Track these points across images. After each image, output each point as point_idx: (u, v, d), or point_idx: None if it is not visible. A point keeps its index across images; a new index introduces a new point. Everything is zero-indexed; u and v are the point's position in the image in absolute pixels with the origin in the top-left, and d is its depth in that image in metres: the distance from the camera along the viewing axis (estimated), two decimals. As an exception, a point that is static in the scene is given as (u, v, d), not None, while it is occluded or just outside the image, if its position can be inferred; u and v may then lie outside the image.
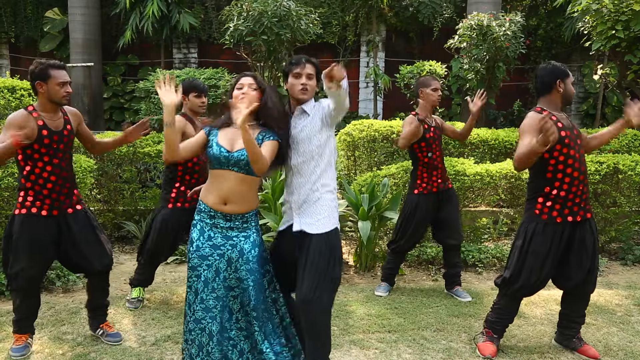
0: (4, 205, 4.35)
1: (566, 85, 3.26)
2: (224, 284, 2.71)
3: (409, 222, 4.35)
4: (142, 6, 9.80)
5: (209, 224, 2.73)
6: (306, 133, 2.79)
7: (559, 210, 3.23)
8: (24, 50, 11.19)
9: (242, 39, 7.04)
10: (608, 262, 5.41)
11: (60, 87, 3.14)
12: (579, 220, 3.26)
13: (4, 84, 4.62)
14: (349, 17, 10.27)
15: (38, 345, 3.42)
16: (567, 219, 3.23)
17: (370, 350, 3.43)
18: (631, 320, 4.02)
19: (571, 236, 3.27)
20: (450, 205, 4.39)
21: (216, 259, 2.71)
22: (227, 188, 2.69)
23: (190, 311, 2.75)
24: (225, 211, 2.71)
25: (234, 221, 2.72)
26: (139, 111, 8.71)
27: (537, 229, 3.25)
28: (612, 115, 10.04)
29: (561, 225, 3.23)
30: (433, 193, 4.32)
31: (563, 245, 3.26)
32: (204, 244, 2.73)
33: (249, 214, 2.76)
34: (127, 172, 5.62)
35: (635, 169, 5.24)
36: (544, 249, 3.22)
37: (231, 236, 2.72)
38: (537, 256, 3.24)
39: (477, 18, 7.48)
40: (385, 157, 6.29)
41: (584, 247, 3.27)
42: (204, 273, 2.71)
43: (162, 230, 3.93)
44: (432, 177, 4.31)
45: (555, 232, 3.23)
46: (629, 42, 6.12)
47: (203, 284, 2.71)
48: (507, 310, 3.43)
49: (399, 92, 8.05)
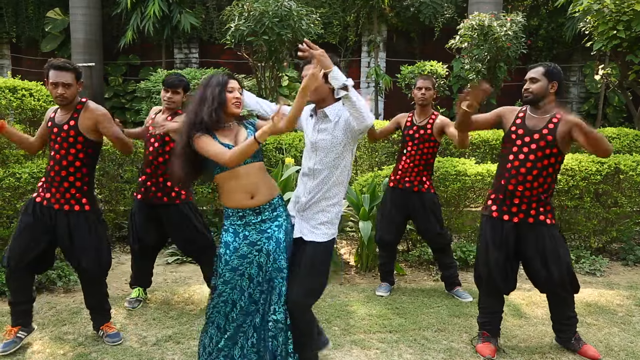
0: (4, 205, 4.36)
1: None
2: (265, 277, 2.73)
3: (382, 213, 4.50)
4: (143, 6, 9.80)
5: (241, 225, 2.73)
6: (327, 143, 2.73)
7: (498, 206, 3.32)
8: (25, 50, 11.20)
9: (243, 39, 7.04)
10: (609, 263, 5.41)
11: (53, 87, 3.21)
12: (517, 222, 3.26)
13: (6, 84, 4.62)
14: (350, 17, 10.27)
15: (39, 345, 3.42)
16: (502, 217, 3.29)
17: (371, 351, 3.43)
18: (632, 320, 4.02)
19: (518, 237, 3.29)
20: (421, 210, 4.34)
21: (255, 255, 2.72)
22: (250, 182, 2.69)
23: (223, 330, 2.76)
24: (254, 205, 2.70)
25: (264, 212, 2.73)
26: (140, 111, 8.72)
27: (483, 221, 3.41)
28: (613, 116, 10.03)
29: (499, 221, 3.30)
30: (398, 189, 4.37)
31: (510, 243, 3.29)
32: (240, 244, 2.72)
33: (274, 200, 2.77)
34: (128, 173, 5.62)
35: (637, 169, 5.23)
36: (485, 239, 3.35)
37: (264, 229, 2.73)
38: (483, 246, 3.38)
39: (479, 18, 7.48)
40: (386, 157, 6.30)
41: (535, 251, 3.27)
42: (247, 270, 2.72)
43: (129, 221, 4.10)
44: (399, 173, 4.38)
45: (495, 226, 3.31)
46: (630, 42, 6.11)
47: (248, 281, 2.72)
48: (490, 308, 3.47)
49: (400, 93, 8.05)
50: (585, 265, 5.15)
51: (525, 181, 3.21)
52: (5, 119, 4.54)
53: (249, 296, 2.73)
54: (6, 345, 3.26)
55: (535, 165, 3.18)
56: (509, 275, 3.37)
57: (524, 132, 3.24)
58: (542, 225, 3.26)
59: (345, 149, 2.74)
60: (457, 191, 5.26)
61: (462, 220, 5.42)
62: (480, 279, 3.45)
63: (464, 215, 5.47)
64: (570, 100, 11.08)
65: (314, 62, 2.52)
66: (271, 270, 2.73)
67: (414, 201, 4.34)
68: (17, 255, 3.25)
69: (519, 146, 3.23)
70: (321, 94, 2.73)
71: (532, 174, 3.19)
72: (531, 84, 3.25)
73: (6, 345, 3.27)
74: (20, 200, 4.37)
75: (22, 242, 3.25)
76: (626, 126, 8.30)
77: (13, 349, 3.28)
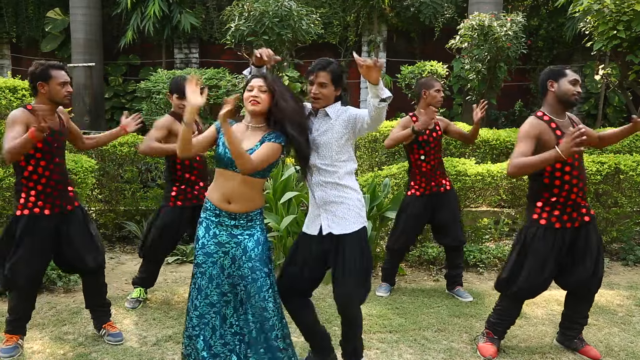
0: (4, 205, 4.36)
1: (560, 85, 3.16)
2: (228, 281, 2.75)
3: (399, 222, 4.41)
4: (143, 6, 9.79)
5: (215, 222, 2.76)
6: (327, 137, 2.81)
7: (558, 216, 3.22)
8: (26, 50, 11.19)
9: (243, 39, 7.04)
10: (609, 263, 5.40)
11: (62, 86, 3.17)
12: (577, 226, 3.25)
13: (6, 84, 4.62)
14: (350, 17, 10.26)
15: (39, 345, 3.42)
16: (565, 225, 3.22)
17: (371, 351, 3.43)
18: (632, 320, 4.02)
19: (572, 240, 3.26)
20: (446, 209, 4.34)
21: (221, 256, 2.75)
22: (230, 188, 2.71)
23: (193, 306, 2.77)
24: (229, 210, 2.73)
25: (239, 220, 2.74)
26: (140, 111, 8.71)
27: (537, 232, 3.23)
28: (613, 116, 10.02)
29: (560, 231, 3.22)
30: (426, 195, 4.31)
31: (565, 249, 3.25)
32: (209, 241, 2.75)
33: (253, 212, 2.78)
34: (129, 172, 5.62)
35: (637, 170, 5.23)
36: (543, 251, 3.21)
37: (236, 234, 2.74)
38: (536, 258, 3.23)
39: (479, 18, 7.47)
40: (386, 157, 6.29)
41: (587, 249, 3.26)
42: (209, 270, 2.75)
43: (163, 228, 3.96)
44: (424, 179, 4.31)
45: (556, 237, 3.21)
46: (631, 42, 6.11)
47: (208, 280, 2.74)
48: (509, 312, 3.42)
49: (400, 92, 8.04)
50: (586, 265, 5.15)
51: (584, 184, 3.25)
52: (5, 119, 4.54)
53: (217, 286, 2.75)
54: (11, 351, 3.23)
55: (583, 166, 3.28)
56: (549, 282, 3.34)
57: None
58: (593, 220, 3.31)
59: (346, 142, 2.85)
60: (457, 191, 5.24)
61: (462, 220, 5.41)
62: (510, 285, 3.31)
63: (464, 215, 5.47)
64: (571, 100, 11.06)
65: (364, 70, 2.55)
66: (235, 275, 2.74)
67: (440, 202, 4.33)
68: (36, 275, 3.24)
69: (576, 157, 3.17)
70: (330, 100, 2.83)
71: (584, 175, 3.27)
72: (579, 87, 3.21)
73: (10, 350, 3.24)
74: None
75: (36, 261, 3.21)
76: (626, 126, 8.28)
77: (17, 354, 3.26)
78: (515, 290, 3.31)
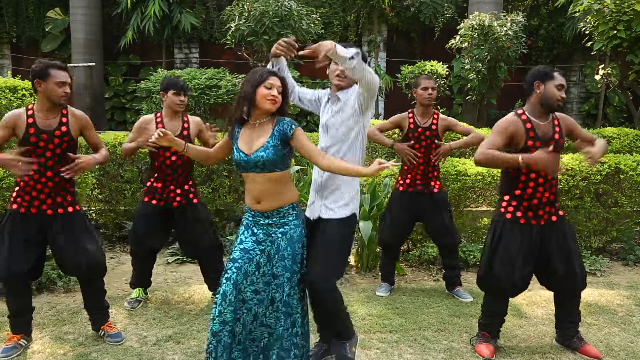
0: (4, 205, 4.36)
1: (546, 88, 3.16)
2: (263, 279, 2.77)
3: (389, 217, 4.43)
4: (143, 6, 9.81)
5: (253, 221, 2.82)
6: (337, 119, 2.92)
7: (523, 212, 3.25)
8: (26, 50, 11.20)
9: (243, 39, 7.05)
10: (609, 263, 5.40)
11: (58, 86, 3.13)
12: (543, 224, 3.26)
13: (6, 83, 4.62)
14: (350, 17, 10.27)
15: (39, 345, 3.42)
16: (530, 222, 3.25)
17: (371, 351, 3.43)
18: (632, 320, 4.02)
19: (543, 239, 3.28)
20: (434, 210, 4.33)
21: (257, 253, 2.77)
22: (256, 188, 2.76)
23: (226, 302, 2.74)
24: (260, 209, 2.78)
25: (272, 217, 2.78)
26: (140, 111, 8.72)
27: (504, 226, 3.29)
28: (613, 116, 10.04)
29: (526, 227, 3.25)
30: (408, 192, 4.33)
31: (534, 246, 3.26)
32: (247, 238, 2.80)
33: (284, 208, 2.78)
34: (129, 172, 5.62)
35: (637, 169, 5.23)
36: (510, 245, 3.26)
37: (270, 233, 2.78)
38: (505, 251, 3.27)
39: (479, 18, 7.48)
40: (386, 157, 6.29)
41: (557, 249, 3.27)
42: (244, 266, 2.75)
43: (138, 221, 4.02)
44: (409, 176, 4.33)
45: (522, 232, 3.25)
46: (631, 42, 6.11)
47: (243, 276, 2.75)
48: (494, 310, 3.44)
49: (400, 92, 8.05)
50: (586, 265, 5.15)
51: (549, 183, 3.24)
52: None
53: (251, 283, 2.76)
54: (8, 351, 3.23)
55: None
56: (527, 279, 3.33)
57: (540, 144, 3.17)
58: (562, 220, 3.32)
59: (355, 122, 2.90)
60: (457, 191, 5.26)
61: (462, 220, 5.42)
62: (499, 284, 3.33)
63: (464, 215, 5.47)
64: (571, 100, 11.08)
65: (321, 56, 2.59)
66: (268, 274, 2.76)
67: (425, 202, 4.33)
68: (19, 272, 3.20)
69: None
70: (351, 82, 2.93)
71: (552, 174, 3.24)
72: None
73: (8, 350, 3.23)
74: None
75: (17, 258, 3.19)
76: (626, 126, 8.31)
77: (15, 354, 3.25)
78: (490, 283, 3.35)
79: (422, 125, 4.28)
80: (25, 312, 3.36)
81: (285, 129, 2.71)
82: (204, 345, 3.42)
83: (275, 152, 2.67)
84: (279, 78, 2.72)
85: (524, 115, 3.22)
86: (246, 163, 2.71)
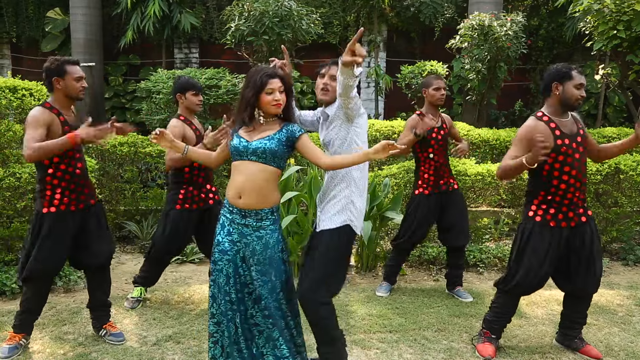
0: (4, 205, 4.36)
1: (565, 88, 3.13)
2: (240, 280, 2.75)
3: (412, 221, 4.36)
4: (143, 6, 9.79)
5: (229, 219, 2.78)
6: (331, 134, 2.90)
7: (553, 214, 3.22)
8: (26, 50, 11.19)
9: (243, 39, 7.04)
10: (609, 263, 5.41)
11: (77, 81, 3.21)
12: (573, 226, 3.24)
13: (6, 83, 4.62)
14: (350, 17, 10.26)
15: (39, 345, 3.42)
16: (560, 224, 3.22)
17: (371, 351, 3.43)
18: (632, 320, 4.02)
19: (569, 239, 3.25)
20: (454, 208, 4.34)
21: (234, 254, 2.75)
22: (244, 179, 2.70)
23: (216, 304, 2.76)
24: (239, 206, 2.72)
25: (248, 218, 2.72)
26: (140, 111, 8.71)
27: (533, 229, 3.24)
28: (613, 116, 10.02)
29: (557, 229, 3.21)
30: (435, 194, 4.30)
31: (562, 248, 3.25)
32: (223, 238, 2.77)
33: (263, 211, 2.73)
34: (129, 172, 5.62)
35: (637, 169, 5.23)
36: (540, 249, 3.21)
37: (245, 234, 2.73)
38: (533, 255, 3.23)
39: (479, 18, 7.47)
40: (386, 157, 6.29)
41: (583, 249, 3.26)
42: (225, 268, 2.74)
43: (172, 231, 3.93)
44: (432, 178, 4.29)
45: (552, 235, 3.21)
46: (631, 42, 6.11)
47: (225, 278, 2.74)
48: (505, 309, 3.42)
49: (400, 92, 8.04)
50: (586, 265, 5.15)
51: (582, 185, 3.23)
52: (5, 119, 4.54)
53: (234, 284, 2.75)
54: (12, 350, 3.23)
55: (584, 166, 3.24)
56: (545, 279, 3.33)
57: (569, 140, 3.17)
58: (590, 221, 3.30)
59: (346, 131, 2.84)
60: (459, 191, 5.25)
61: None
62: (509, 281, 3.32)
63: (464, 215, 5.46)
64: (571, 100, 11.05)
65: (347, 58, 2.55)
66: (246, 275, 2.75)
67: (449, 201, 4.33)
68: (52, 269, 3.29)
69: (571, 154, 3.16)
70: (335, 95, 2.89)
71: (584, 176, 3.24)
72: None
73: (11, 350, 3.23)
74: (20, 200, 4.36)
75: (56, 256, 3.25)
76: (626, 126, 8.30)
77: (17, 354, 3.26)
78: (513, 286, 3.31)
79: (436, 126, 4.26)
80: (40, 310, 3.39)
81: (294, 131, 2.72)
82: (204, 345, 3.43)
83: (278, 145, 2.68)
84: (278, 78, 2.70)
85: (545, 116, 3.19)
86: (245, 149, 2.69)
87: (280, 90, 2.69)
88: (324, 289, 2.82)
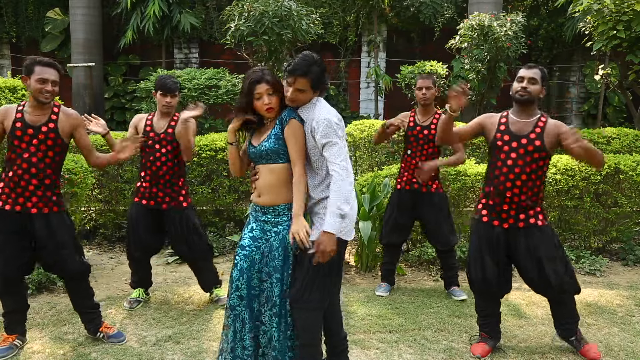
0: None
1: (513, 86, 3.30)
2: (257, 275, 2.78)
3: (388, 216, 4.45)
4: (143, 6, 9.81)
5: (254, 217, 2.86)
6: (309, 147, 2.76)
7: (488, 211, 3.30)
8: (26, 50, 11.20)
9: (243, 39, 7.05)
10: (609, 263, 5.41)
11: (40, 83, 3.08)
12: (507, 227, 3.26)
13: (5, 84, 4.62)
14: (350, 17, 10.27)
15: (39, 345, 3.42)
16: (492, 222, 3.27)
17: (371, 351, 3.44)
18: (632, 320, 4.02)
19: (509, 242, 3.28)
20: (431, 210, 4.31)
21: (253, 250, 2.79)
22: (261, 180, 2.80)
23: (229, 299, 2.82)
24: (260, 203, 2.81)
25: (268, 214, 2.79)
26: (140, 111, 8.72)
27: (473, 225, 3.40)
28: (613, 116, 10.04)
29: (489, 225, 3.29)
30: (405, 190, 4.34)
31: (502, 248, 3.29)
32: (246, 234, 2.84)
33: (280, 207, 2.77)
34: (128, 172, 5.62)
35: (636, 170, 5.23)
36: (476, 242, 3.35)
37: (266, 230, 2.79)
38: (473, 249, 3.37)
39: (478, 18, 7.48)
40: (386, 157, 6.30)
41: (527, 256, 3.25)
42: (240, 262, 2.78)
43: (129, 222, 4.03)
44: (406, 174, 4.34)
45: (486, 229, 3.30)
46: (630, 42, 6.11)
47: (238, 272, 2.78)
48: (485, 310, 3.47)
49: (400, 92, 8.05)
50: (585, 265, 5.15)
51: (514, 187, 3.19)
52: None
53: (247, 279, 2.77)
54: (4, 351, 3.22)
55: (523, 170, 3.17)
56: (501, 279, 3.35)
57: (509, 137, 3.23)
58: (533, 228, 3.24)
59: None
60: (457, 191, 5.26)
61: (461, 220, 5.42)
62: (473, 282, 3.42)
63: (463, 215, 5.46)
64: (570, 100, 11.08)
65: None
66: (263, 271, 2.78)
67: (423, 202, 4.32)
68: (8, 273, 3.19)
69: (507, 152, 3.21)
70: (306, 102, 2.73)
71: (520, 179, 3.18)
72: (530, 85, 3.21)
73: (4, 351, 3.22)
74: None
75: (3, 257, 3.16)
76: (626, 126, 8.31)
77: (11, 355, 3.24)
78: (470, 284, 3.45)
79: (421, 124, 4.29)
80: (23, 310, 3.34)
81: (283, 117, 2.74)
82: (204, 345, 3.43)
83: (277, 141, 2.71)
84: (264, 82, 2.68)
85: (505, 111, 3.36)
86: (254, 155, 2.79)
87: (269, 92, 2.70)
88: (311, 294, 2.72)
